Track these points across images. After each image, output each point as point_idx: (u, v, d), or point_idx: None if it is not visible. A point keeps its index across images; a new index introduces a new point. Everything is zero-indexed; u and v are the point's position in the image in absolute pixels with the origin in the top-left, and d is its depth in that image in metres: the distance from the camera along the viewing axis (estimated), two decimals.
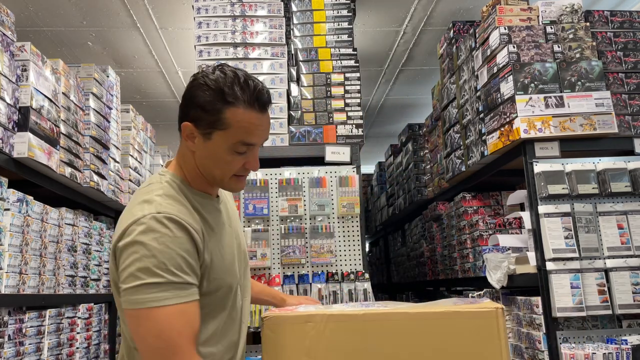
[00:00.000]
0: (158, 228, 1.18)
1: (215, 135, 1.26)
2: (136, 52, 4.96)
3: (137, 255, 1.15)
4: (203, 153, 1.29)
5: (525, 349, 2.52)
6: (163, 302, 1.14)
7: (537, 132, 2.48)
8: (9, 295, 2.19)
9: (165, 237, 1.17)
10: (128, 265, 1.16)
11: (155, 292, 1.14)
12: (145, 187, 1.32)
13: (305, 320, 1.35)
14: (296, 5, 3.30)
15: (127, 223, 1.21)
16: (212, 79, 1.26)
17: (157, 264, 1.15)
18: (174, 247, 1.18)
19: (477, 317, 1.31)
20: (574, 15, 2.75)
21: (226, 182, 1.34)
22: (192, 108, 1.27)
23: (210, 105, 1.25)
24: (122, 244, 1.19)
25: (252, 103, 1.26)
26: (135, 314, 1.15)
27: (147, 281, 1.14)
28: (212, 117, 1.25)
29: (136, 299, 1.14)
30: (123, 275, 1.17)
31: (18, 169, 2.34)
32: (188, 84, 1.32)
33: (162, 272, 1.15)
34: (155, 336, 1.14)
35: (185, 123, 1.28)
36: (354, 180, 2.88)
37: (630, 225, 2.42)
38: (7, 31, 2.29)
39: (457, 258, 3.55)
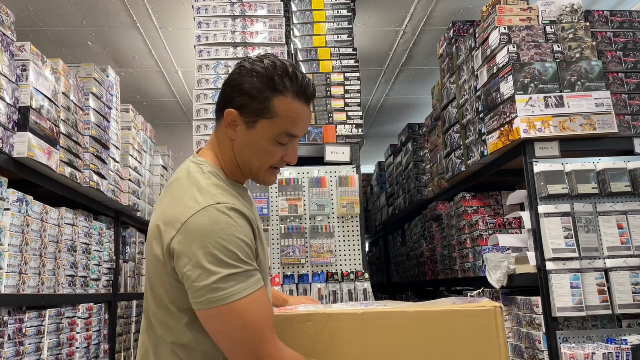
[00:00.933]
0: (222, 218, 1.14)
1: (260, 124, 1.24)
2: (136, 52, 4.96)
3: (206, 250, 1.11)
4: (244, 142, 1.26)
5: (525, 349, 2.52)
6: (243, 293, 1.11)
7: (537, 132, 2.48)
8: (9, 295, 2.19)
9: (230, 226, 1.14)
10: (197, 262, 1.11)
11: (233, 285, 1.11)
12: (186, 178, 1.25)
13: (305, 319, 1.35)
14: (296, 5, 3.31)
15: (184, 216, 1.15)
16: (262, 67, 1.24)
17: (228, 255, 1.11)
18: (240, 235, 1.14)
19: (475, 316, 1.31)
20: (574, 15, 2.75)
21: (261, 175, 1.30)
22: (238, 95, 1.24)
23: (258, 92, 1.22)
24: (183, 239, 1.13)
25: (301, 94, 1.25)
26: (217, 311, 1.11)
27: (223, 274, 1.10)
28: (260, 105, 1.22)
29: (217, 297, 1.10)
30: (194, 275, 1.11)
31: (18, 169, 2.34)
32: (234, 71, 1.28)
33: (235, 262, 1.12)
34: (242, 328, 1.11)
35: (230, 110, 1.25)
36: (354, 180, 2.88)
37: (630, 225, 2.42)
38: (7, 31, 2.30)
39: (457, 258, 3.55)
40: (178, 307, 1.19)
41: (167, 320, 1.21)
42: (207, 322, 1.14)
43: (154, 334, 1.25)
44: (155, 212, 1.26)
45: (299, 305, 1.63)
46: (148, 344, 1.27)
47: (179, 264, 1.14)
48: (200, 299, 1.12)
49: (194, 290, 1.12)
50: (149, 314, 1.27)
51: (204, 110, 3.12)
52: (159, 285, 1.21)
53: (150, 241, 1.23)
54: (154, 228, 1.22)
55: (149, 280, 1.26)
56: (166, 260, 1.17)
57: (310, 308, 1.45)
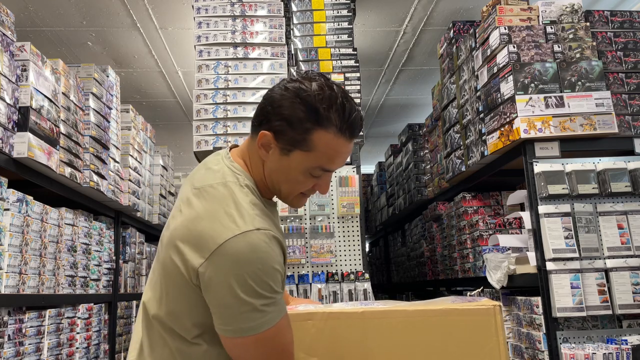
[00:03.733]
0: (261, 247, 1.08)
1: (294, 154, 1.16)
2: (136, 52, 4.96)
3: (242, 278, 1.06)
4: (275, 166, 1.19)
5: (525, 349, 2.52)
6: (271, 323, 1.10)
7: (537, 132, 2.48)
8: (9, 295, 2.19)
9: (268, 256, 1.09)
10: (230, 288, 1.06)
11: (263, 316, 1.08)
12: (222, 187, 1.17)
13: (306, 318, 1.35)
14: (296, 5, 3.31)
15: (220, 238, 1.08)
16: (308, 93, 1.14)
17: (263, 286, 1.07)
18: (274, 264, 1.10)
19: (474, 315, 1.31)
20: (574, 15, 2.75)
21: (290, 199, 1.26)
22: (277, 119, 1.15)
23: (298, 122, 1.14)
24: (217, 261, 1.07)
25: (344, 130, 1.16)
26: (244, 341, 1.09)
27: (255, 305, 1.07)
28: (298, 136, 1.14)
29: (247, 327, 1.08)
30: (224, 301, 1.07)
31: (18, 169, 2.34)
32: (279, 87, 1.19)
33: (268, 293, 1.08)
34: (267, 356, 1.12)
35: (264, 132, 1.16)
36: (354, 180, 2.88)
37: (630, 225, 2.42)
38: (7, 31, 2.30)
39: (457, 258, 3.55)
40: (193, 322, 1.16)
41: (174, 327, 1.17)
42: (232, 348, 1.12)
43: (153, 333, 1.21)
44: (182, 214, 1.17)
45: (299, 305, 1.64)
46: (144, 341, 1.24)
47: (209, 287, 1.09)
48: (228, 327, 1.09)
49: (222, 317, 1.09)
50: (150, 313, 1.23)
51: (204, 110, 3.12)
52: (175, 295, 1.16)
53: (173, 246, 1.14)
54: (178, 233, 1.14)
55: (160, 283, 1.20)
56: (191, 276, 1.11)
57: (310, 307, 1.45)
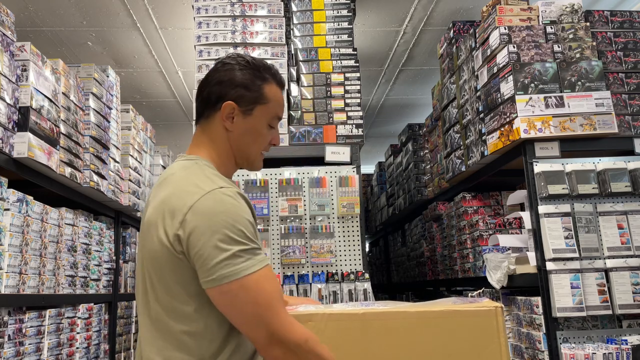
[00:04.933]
0: (227, 199, 1.20)
1: (256, 110, 1.36)
2: (136, 52, 4.96)
3: (215, 229, 1.16)
4: (242, 130, 1.36)
5: (525, 349, 2.52)
6: (252, 268, 1.17)
7: (537, 132, 2.48)
8: (9, 295, 2.19)
9: (235, 207, 1.20)
10: (208, 240, 1.16)
11: (243, 261, 1.16)
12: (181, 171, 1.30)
13: (306, 319, 1.35)
14: (296, 5, 3.31)
15: (190, 201, 1.20)
16: (244, 62, 1.37)
17: (237, 233, 1.17)
18: (244, 215, 1.21)
19: (476, 316, 1.31)
20: (574, 15, 2.75)
21: (257, 159, 1.42)
22: (232, 88, 1.35)
23: (252, 83, 1.35)
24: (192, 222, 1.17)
25: (278, 81, 1.41)
26: (228, 287, 1.16)
27: (233, 251, 1.16)
28: (255, 93, 1.35)
29: (229, 272, 1.15)
30: (205, 253, 1.16)
31: (18, 169, 2.34)
32: (218, 68, 1.38)
33: (242, 240, 1.18)
34: (253, 303, 1.16)
35: (228, 102, 1.34)
36: (354, 180, 2.88)
37: (630, 225, 2.42)
38: (7, 31, 2.29)
39: (457, 258, 3.55)
40: (188, 292, 1.22)
41: (175, 307, 1.23)
42: (219, 298, 1.18)
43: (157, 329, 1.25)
44: (151, 206, 1.28)
45: (299, 305, 1.63)
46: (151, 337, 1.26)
47: (189, 246, 1.18)
48: (212, 277, 1.16)
49: (206, 269, 1.16)
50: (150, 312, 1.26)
51: None
52: (167, 273, 1.23)
53: (151, 227, 1.24)
54: (153, 219, 1.24)
55: (150, 275, 1.26)
56: (174, 246, 1.20)
57: (310, 308, 1.45)
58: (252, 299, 1.16)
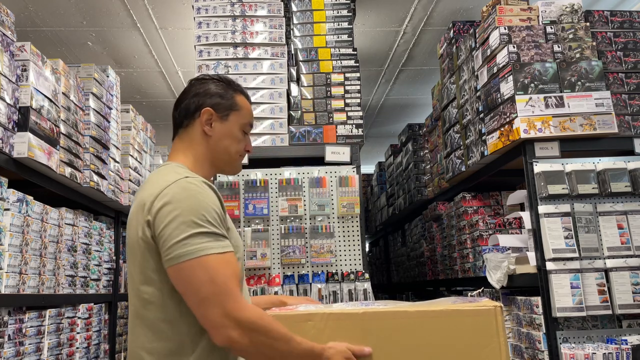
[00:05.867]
0: (191, 187, 1.30)
1: (231, 116, 1.51)
2: (136, 52, 4.96)
3: (178, 211, 1.25)
4: (221, 134, 1.49)
5: (525, 349, 2.52)
6: (211, 250, 1.23)
7: (537, 132, 2.48)
8: (9, 295, 2.19)
9: (199, 194, 1.29)
10: (170, 221, 1.24)
11: (202, 242, 1.22)
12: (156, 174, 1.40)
13: (306, 319, 1.35)
14: (296, 5, 3.31)
15: (158, 190, 1.29)
16: (217, 77, 1.56)
17: (198, 216, 1.25)
18: (208, 201, 1.29)
19: (476, 315, 1.31)
20: (574, 15, 2.75)
21: (236, 161, 1.53)
22: (209, 98, 1.50)
23: (225, 92, 1.52)
24: (159, 204, 1.27)
25: (245, 95, 1.59)
26: (188, 265, 1.21)
27: (193, 232, 1.23)
28: (229, 101, 1.51)
29: (187, 251, 1.21)
30: (166, 233, 1.24)
31: (18, 169, 2.34)
32: (194, 83, 1.55)
33: (203, 223, 1.24)
34: (210, 282, 1.21)
35: (206, 108, 1.48)
36: (354, 180, 2.88)
37: (630, 225, 2.42)
38: (7, 31, 2.30)
39: (457, 258, 3.55)
40: (161, 279, 1.29)
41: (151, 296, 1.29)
42: (176, 277, 1.24)
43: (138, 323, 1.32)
44: (134, 203, 1.40)
45: (299, 305, 1.64)
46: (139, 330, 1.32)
47: (155, 228, 1.27)
48: (170, 255, 1.23)
49: (166, 248, 1.24)
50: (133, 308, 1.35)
51: None
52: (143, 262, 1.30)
53: (130, 224, 1.35)
54: (134, 210, 1.36)
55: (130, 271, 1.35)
56: (146, 233, 1.29)
57: (310, 308, 1.45)
58: (208, 279, 1.21)
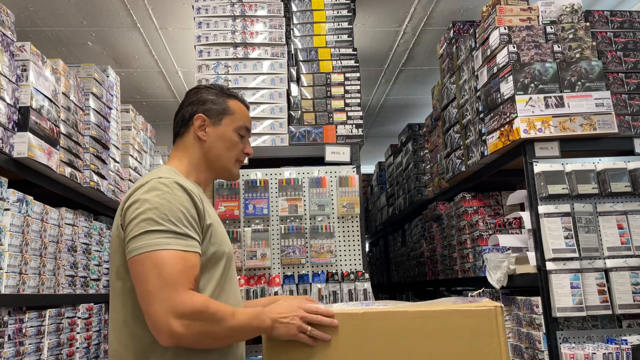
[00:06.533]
0: (160, 187, 1.34)
1: (224, 120, 1.56)
2: (136, 52, 4.96)
3: (141, 209, 1.30)
4: (214, 138, 1.54)
5: (525, 349, 2.52)
6: (165, 246, 1.26)
7: (537, 132, 2.48)
8: (9, 295, 2.19)
9: (166, 194, 1.33)
10: (133, 218, 1.30)
11: (157, 238, 1.26)
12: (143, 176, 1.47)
13: None
14: (296, 5, 3.31)
15: (133, 190, 1.37)
16: (211, 85, 1.62)
17: (159, 215, 1.29)
18: (174, 202, 1.32)
19: (476, 316, 1.31)
20: (574, 15, 2.75)
21: (231, 165, 1.58)
22: (202, 105, 1.57)
23: (217, 97, 1.58)
24: (128, 203, 1.34)
25: (242, 100, 1.64)
26: (139, 258, 1.26)
27: (150, 229, 1.27)
28: (221, 107, 1.57)
29: (141, 245, 1.26)
30: (129, 229, 1.30)
31: (18, 169, 2.34)
32: (190, 94, 1.61)
33: (163, 222, 1.28)
34: (157, 275, 1.23)
35: (198, 115, 1.55)
36: (354, 180, 2.88)
37: (630, 225, 2.42)
38: (7, 31, 2.29)
39: (457, 258, 3.55)
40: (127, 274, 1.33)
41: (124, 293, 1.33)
42: (131, 270, 1.28)
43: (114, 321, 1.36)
44: None
45: None
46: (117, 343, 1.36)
47: (125, 226, 1.33)
48: (127, 248, 1.29)
49: (125, 243, 1.30)
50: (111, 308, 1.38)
51: None
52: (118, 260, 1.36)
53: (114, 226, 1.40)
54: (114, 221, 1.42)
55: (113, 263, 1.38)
56: (121, 233, 1.35)
57: None
58: (157, 272, 1.23)
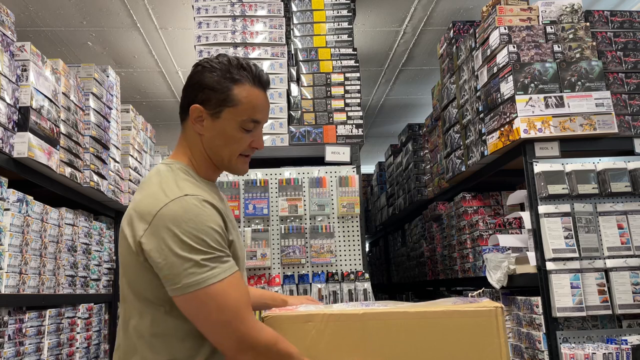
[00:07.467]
0: (190, 207, 1.20)
1: (224, 113, 1.31)
2: (136, 52, 4.96)
3: (177, 238, 1.16)
4: (212, 133, 1.33)
5: (525, 349, 2.52)
6: (218, 277, 1.17)
7: (537, 132, 2.48)
8: (9, 295, 2.19)
9: (198, 215, 1.19)
10: (170, 250, 1.16)
11: (207, 270, 1.16)
12: (156, 176, 1.31)
13: (306, 319, 1.35)
14: (296, 5, 3.31)
15: (155, 208, 1.20)
16: (217, 63, 1.33)
17: (198, 242, 1.17)
18: (209, 223, 1.20)
19: (476, 316, 1.31)
20: (574, 15, 2.75)
21: (233, 163, 1.37)
22: (200, 91, 1.32)
23: (218, 84, 1.30)
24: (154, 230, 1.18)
25: (256, 82, 1.34)
26: (193, 296, 1.16)
27: (196, 260, 1.16)
28: (222, 95, 1.30)
29: (193, 282, 1.16)
30: (167, 262, 1.17)
31: (18, 169, 2.34)
32: (191, 72, 1.36)
33: (205, 248, 1.18)
34: (219, 311, 1.16)
35: (194, 106, 1.32)
36: (354, 180, 2.88)
37: (630, 225, 2.42)
38: (7, 31, 2.29)
39: (457, 258, 3.55)
40: (156, 297, 1.23)
41: (145, 311, 1.25)
42: (185, 307, 1.19)
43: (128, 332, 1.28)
44: (130, 206, 1.31)
45: (299, 305, 1.63)
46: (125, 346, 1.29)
47: (152, 255, 1.18)
48: (176, 285, 1.17)
49: (170, 278, 1.17)
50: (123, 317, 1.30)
51: None
52: (135, 278, 1.25)
53: (123, 230, 1.27)
54: (127, 218, 1.27)
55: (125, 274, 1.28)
56: (138, 252, 1.21)
57: (310, 308, 1.45)
58: (217, 307, 1.16)
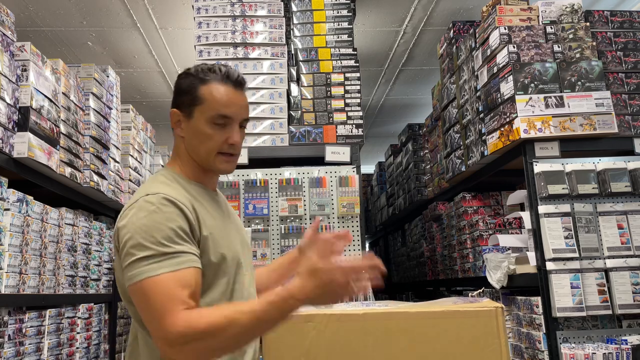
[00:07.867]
0: (146, 207, 1.28)
1: (195, 112, 1.40)
2: (136, 52, 4.96)
3: (130, 234, 1.26)
4: (189, 134, 1.42)
5: (525, 349, 2.52)
6: (155, 272, 1.22)
7: (537, 132, 2.48)
8: (9, 295, 2.19)
9: (152, 214, 1.27)
10: (124, 245, 1.26)
11: (147, 265, 1.23)
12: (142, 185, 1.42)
13: (306, 320, 1.35)
14: (296, 5, 3.31)
15: (123, 212, 1.33)
16: (193, 69, 1.45)
17: (147, 238, 1.24)
18: (162, 220, 1.27)
19: (476, 316, 1.31)
20: (574, 15, 2.75)
21: (211, 161, 1.42)
22: (177, 96, 1.44)
23: (188, 87, 1.41)
24: (119, 226, 1.31)
25: (224, 79, 1.42)
26: (133, 288, 1.23)
27: (139, 256, 1.23)
28: (190, 96, 1.40)
29: (133, 274, 1.23)
30: (122, 256, 1.27)
31: (18, 169, 2.34)
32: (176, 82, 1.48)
33: (152, 245, 1.24)
34: (147, 306, 1.22)
35: (172, 110, 1.44)
36: (354, 180, 2.88)
37: (630, 225, 2.42)
38: (7, 31, 2.29)
39: (457, 258, 3.55)
40: None
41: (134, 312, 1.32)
42: (132, 297, 1.27)
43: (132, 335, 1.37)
44: None
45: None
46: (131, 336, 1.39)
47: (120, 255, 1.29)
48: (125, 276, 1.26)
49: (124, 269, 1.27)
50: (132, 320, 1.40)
51: None
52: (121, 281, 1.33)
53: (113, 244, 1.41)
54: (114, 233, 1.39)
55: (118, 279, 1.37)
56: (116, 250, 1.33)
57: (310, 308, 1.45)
58: (144, 303, 1.22)
